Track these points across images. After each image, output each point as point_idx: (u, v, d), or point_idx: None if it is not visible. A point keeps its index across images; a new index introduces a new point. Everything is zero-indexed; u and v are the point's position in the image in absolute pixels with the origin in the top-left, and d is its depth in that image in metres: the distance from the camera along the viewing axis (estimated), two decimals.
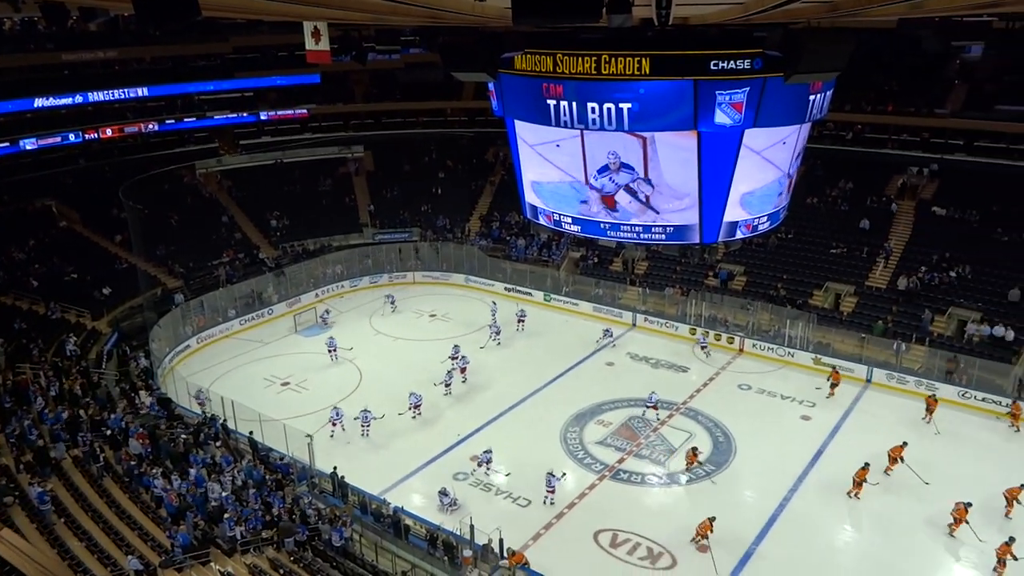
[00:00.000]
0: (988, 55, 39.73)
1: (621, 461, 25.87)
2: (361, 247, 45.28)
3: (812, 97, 12.67)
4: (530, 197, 14.56)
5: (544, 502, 23.30)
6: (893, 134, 41.20)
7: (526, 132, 13.64)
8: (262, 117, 49.56)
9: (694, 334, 35.49)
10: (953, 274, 34.70)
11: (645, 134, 12.05)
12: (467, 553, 19.95)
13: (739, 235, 13.98)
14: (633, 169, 12.56)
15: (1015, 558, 19.51)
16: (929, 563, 21.09)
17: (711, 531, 21.16)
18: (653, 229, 13.17)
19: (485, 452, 25.18)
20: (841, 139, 42.05)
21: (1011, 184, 36.52)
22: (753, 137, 12.38)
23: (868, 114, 41.49)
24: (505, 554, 20.13)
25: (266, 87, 49.15)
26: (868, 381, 31.43)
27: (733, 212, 13.25)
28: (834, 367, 30.91)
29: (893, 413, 29.08)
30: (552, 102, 12.13)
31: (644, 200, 12.77)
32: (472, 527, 20.49)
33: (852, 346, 32.98)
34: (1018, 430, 27.53)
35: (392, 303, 39.63)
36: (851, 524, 22.79)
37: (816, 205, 40.64)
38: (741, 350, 34.56)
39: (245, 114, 49.15)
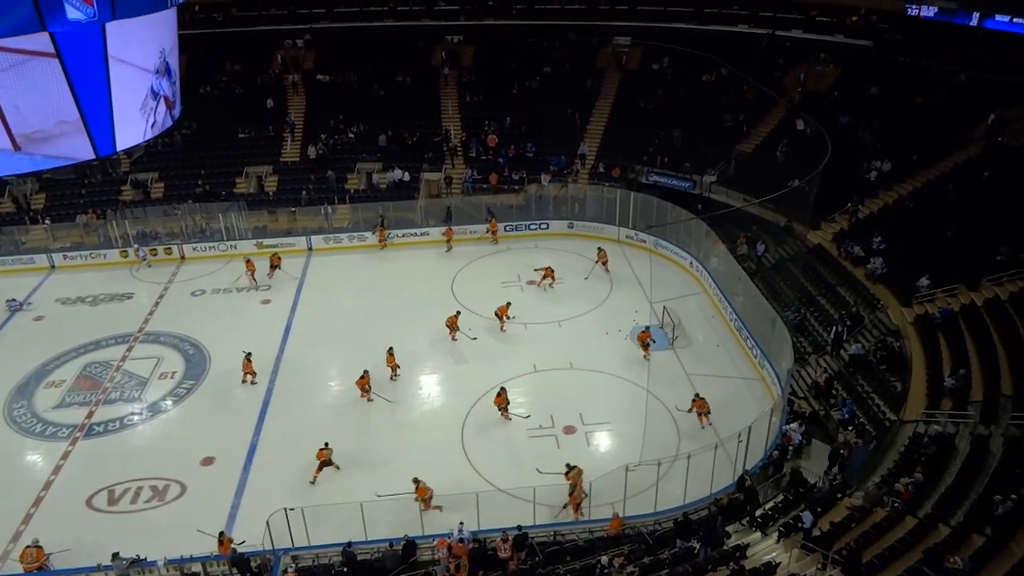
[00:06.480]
0: None
1: (91, 415, 23.28)
2: None
3: None
4: None
5: None
6: (263, 9, 41.88)
7: None
8: None
9: (126, 256, 32.69)
10: (351, 134, 38.15)
11: None
12: None
13: (139, 139, 12.93)
14: None
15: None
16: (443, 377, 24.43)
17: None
18: (32, 155, 11.27)
19: None
20: (214, 21, 41.16)
21: (377, 44, 40.91)
22: (119, 31, 11.23)
23: None
24: None
25: None
26: (310, 249, 33.48)
27: (123, 115, 12.10)
28: (248, 259, 31.12)
29: (339, 270, 31.89)
30: None
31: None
32: None
33: (286, 222, 34.42)
34: (450, 250, 32.86)
35: None
36: (336, 380, 24.79)
37: (210, 93, 39.74)
38: (183, 257, 33.18)
39: None
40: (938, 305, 23.33)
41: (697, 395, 21.86)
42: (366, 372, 23.41)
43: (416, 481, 18.66)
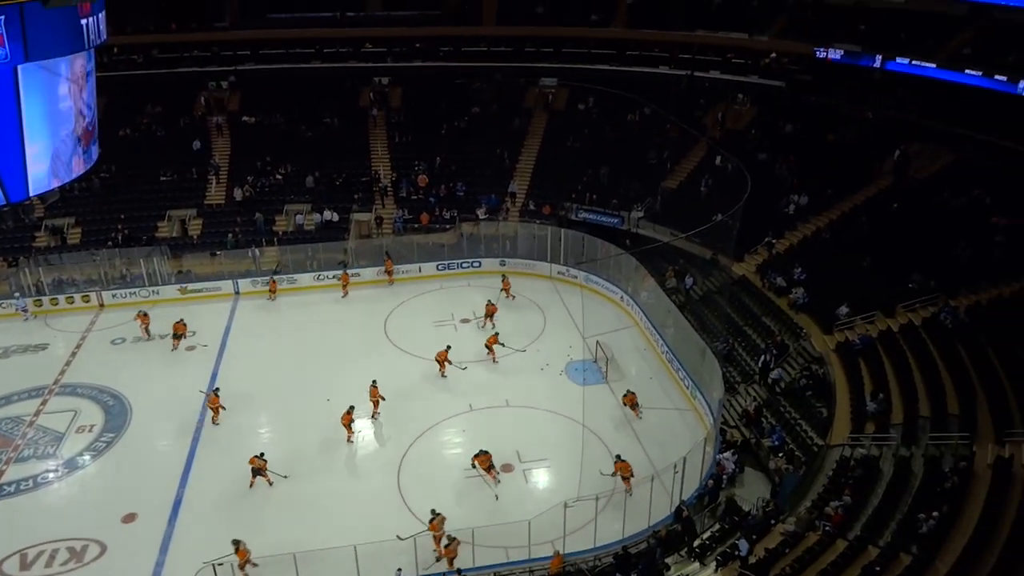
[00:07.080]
0: None
1: (0, 475, 21.92)
2: None
3: (85, 22, 11.66)
4: None
5: None
6: (184, 52, 41.28)
7: None
8: None
9: (40, 305, 31.24)
10: (279, 175, 37.66)
11: None
12: None
13: (54, 184, 12.52)
14: None
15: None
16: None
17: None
18: None
19: None
20: (134, 63, 40.36)
21: (303, 86, 40.80)
22: (33, 73, 10.91)
23: (153, 35, 40.51)
24: None
25: None
26: (237, 293, 32.64)
27: (38, 160, 11.69)
28: (142, 312, 29.57)
29: (267, 313, 31.26)
30: None
31: None
32: None
33: (212, 266, 33.54)
34: (345, 295, 32.48)
35: None
36: (267, 427, 24.08)
37: (130, 135, 38.77)
38: (102, 305, 31.89)
39: None
40: (857, 332, 24.25)
41: (618, 456, 20.63)
42: (352, 408, 22.94)
43: (236, 543, 17.72)
